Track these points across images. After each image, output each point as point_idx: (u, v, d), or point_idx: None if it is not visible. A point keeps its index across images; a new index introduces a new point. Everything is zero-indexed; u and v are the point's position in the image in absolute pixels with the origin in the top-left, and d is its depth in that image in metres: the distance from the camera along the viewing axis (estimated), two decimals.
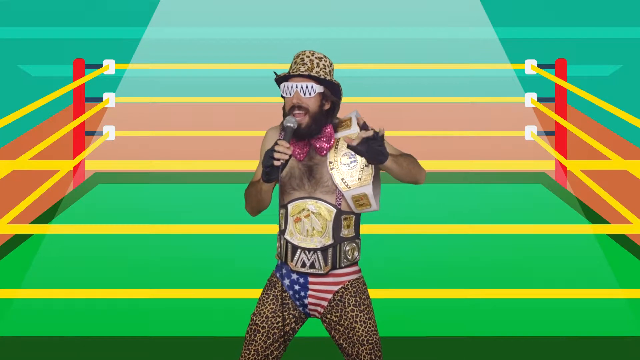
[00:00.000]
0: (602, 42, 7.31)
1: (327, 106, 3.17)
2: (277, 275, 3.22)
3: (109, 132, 7.40)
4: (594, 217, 6.52)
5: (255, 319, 3.17)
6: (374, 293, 3.31)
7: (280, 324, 3.16)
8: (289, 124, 3.07)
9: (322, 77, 3.12)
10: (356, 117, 3.19)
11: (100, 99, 7.45)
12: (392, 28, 7.46)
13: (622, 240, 6.09)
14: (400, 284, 5.39)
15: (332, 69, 3.20)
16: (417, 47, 7.37)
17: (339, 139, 3.15)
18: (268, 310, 3.17)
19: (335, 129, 3.18)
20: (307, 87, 3.13)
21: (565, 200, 6.87)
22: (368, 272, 3.32)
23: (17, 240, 6.13)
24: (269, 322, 3.15)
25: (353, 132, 3.13)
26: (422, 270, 5.72)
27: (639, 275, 5.77)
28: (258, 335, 3.15)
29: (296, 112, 3.11)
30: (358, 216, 3.20)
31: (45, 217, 6.56)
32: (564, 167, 7.19)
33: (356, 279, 3.20)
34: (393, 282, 5.39)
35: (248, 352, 3.15)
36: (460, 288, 5.40)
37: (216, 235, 5.83)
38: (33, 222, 6.38)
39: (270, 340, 3.15)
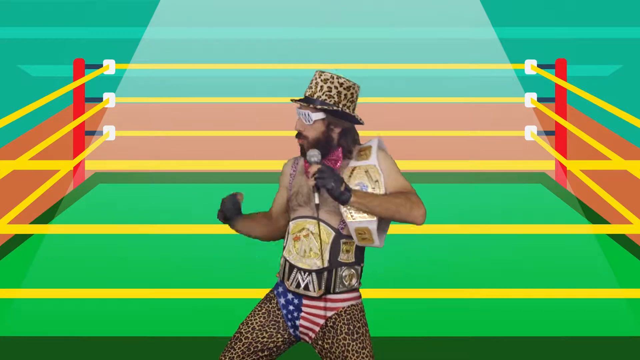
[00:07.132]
0: (602, 42, 7.31)
1: (337, 130, 3.01)
2: (275, 292, 3.12)
3: (109, 132, 7.40)
4: (594, 217, 6.51)
5: (241, 327, 3.09)
6: (373, 293, 3.26)
7: (265, 339, 3.06)
8: (313, 159, 2.95)
9: (323, 101, 2.96)
10: (377, 146, 3.02)
11: (100, 99, 7.45)
12: (392, 28, 7.46)
13: (622, 240, 6.09)
14: (400, 284, 5.38)
15: (346, 91, 3.00)
16: (417, 47, 7.36)
17: (355, 167, 2.98)
18: (257, 323, 3.08)
19: (356, 156, 3.02)
20: (305, 114, 2.99)
21: (565, 200, 6.87)
22: (367, 272, 3.31)
23: (17, 240, 6.12)
24: (254, 335, 3.06)
25: (371, 163, 2.96)
26: (422, 270, 5.71)
27: (639, 275, 5.76)
28: (239, 344, 3.06)
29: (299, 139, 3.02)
30: None
31: (45, 217, 6.55)
32: (564, 167, 7.19)
33: (352, 305, 3.04)
34: (393, 282, 5.39)
35: (224, 357, 3.07)
36: (460, 288, 5.40)
37: (216, 235, 5.81)
38: (33, 222, 6.37)
39: (249, 352, 3.05)
